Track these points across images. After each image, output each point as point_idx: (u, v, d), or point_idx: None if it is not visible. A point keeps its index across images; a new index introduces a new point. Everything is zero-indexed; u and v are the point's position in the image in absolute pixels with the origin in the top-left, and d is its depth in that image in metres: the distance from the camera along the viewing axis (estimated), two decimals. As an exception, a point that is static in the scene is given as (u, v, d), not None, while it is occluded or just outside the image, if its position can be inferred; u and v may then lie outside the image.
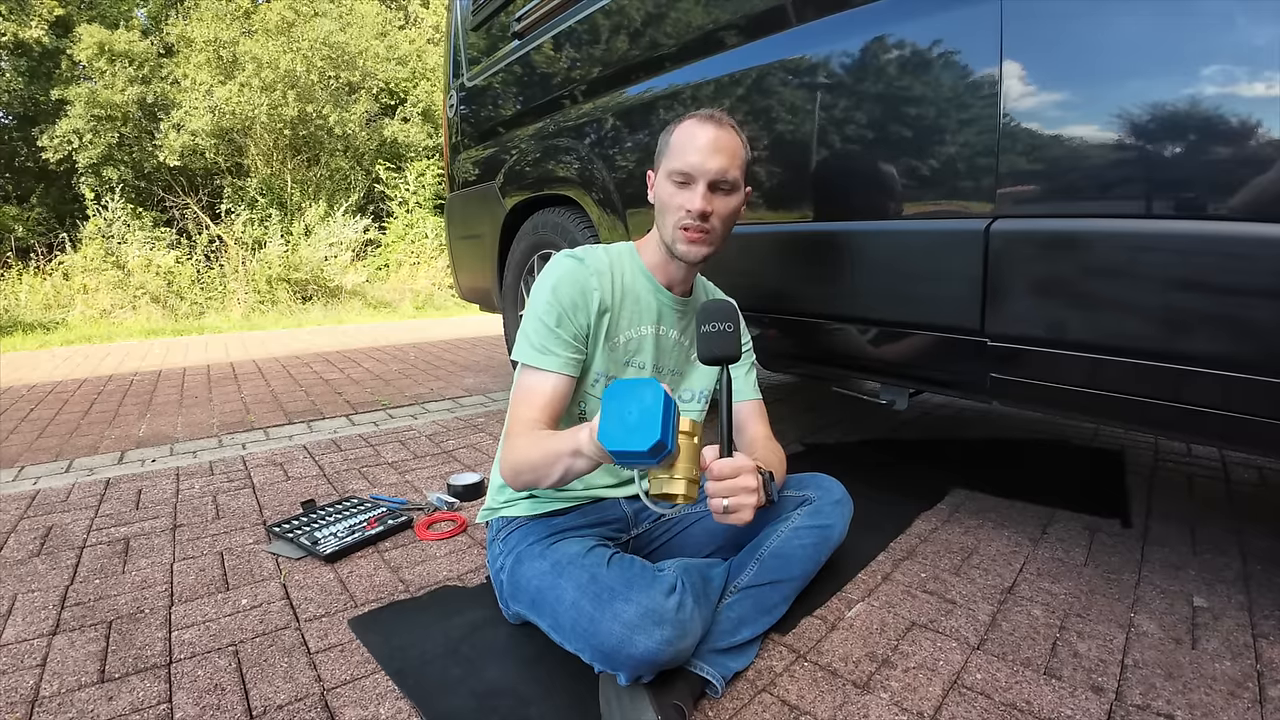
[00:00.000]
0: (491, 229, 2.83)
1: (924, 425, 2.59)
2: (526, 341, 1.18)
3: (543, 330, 1.17)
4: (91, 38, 10.51)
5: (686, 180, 1.18)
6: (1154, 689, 1.05)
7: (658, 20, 1.93)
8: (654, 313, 1.28)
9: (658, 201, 1.24)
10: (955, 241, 1.27)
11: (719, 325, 1.05)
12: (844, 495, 1.31)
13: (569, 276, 1.19)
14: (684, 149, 1.19)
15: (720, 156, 1.18)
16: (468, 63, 2.98)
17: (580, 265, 1.21)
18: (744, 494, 0.96)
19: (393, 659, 1.14)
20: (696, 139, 1.18)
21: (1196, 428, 1.07)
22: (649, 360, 1.29)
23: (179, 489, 2.05)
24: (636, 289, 1.27)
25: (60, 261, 8.95)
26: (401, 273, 10.63)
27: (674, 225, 1.20)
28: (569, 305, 1.17)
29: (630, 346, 1.27)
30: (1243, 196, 0.94)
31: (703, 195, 1.17)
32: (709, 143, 1.18)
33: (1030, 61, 1.16)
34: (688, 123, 1.22)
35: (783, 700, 1.04)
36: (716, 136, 1.18)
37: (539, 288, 1.21)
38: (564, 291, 1.18)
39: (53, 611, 1.33)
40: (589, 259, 1.23)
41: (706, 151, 1.17)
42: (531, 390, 1.16)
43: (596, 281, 1.20)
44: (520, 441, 1.11)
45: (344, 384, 3.80)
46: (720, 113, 1.23)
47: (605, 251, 1.27)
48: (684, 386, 1.36)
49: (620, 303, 1.24)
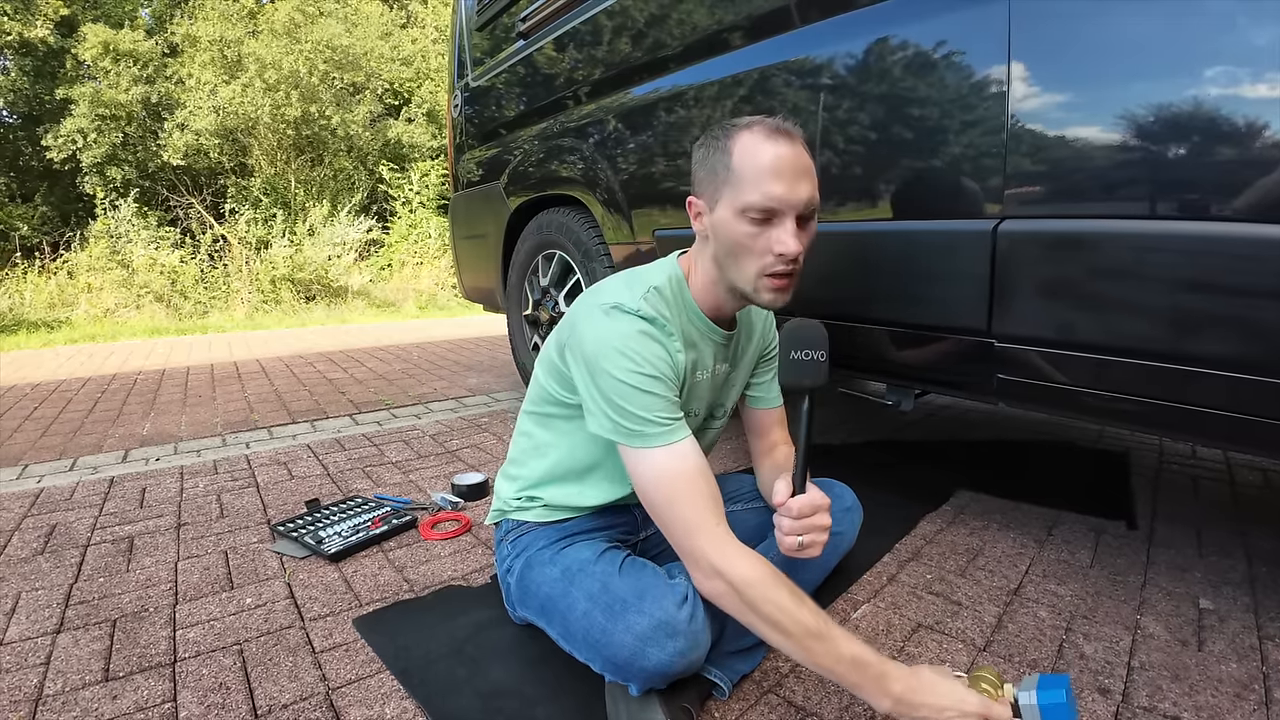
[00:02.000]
0: (496, 229, 2.83)
1: (929, 426, 2.58)
2: (652, 426, 0.95)
3: (655, 402, 0.96)
4: (96, 37, 10.55)
5: (770, 216, 0.97)
6: (1160, 691, 1.04)
7: (662, 21, 1.93)
8: (709, 355, 1.12)
9: (724, 240, 1.01)
10: (962, 242, 1.26)
11: (811, 354, 0.96)
12: (855, 502, 1.30)
13: (650, 341, 0.98)
14: (761, 176, 0.96)
15: (806, 182, 0.98)
16: (472, 63, 2.98)
17: (654, 328, 1.00)
18: (818, 532, 0.96)
19: (397, 659, 1.14)
20: (776, 162, 0.96)
21: (1203, 429, 1.07)
22: (704, 406, 1.17)
23: (183, 488, 2.05)
24: (692, 334, 1.09)
25: (65, 260, 8.98)
26: (405, 272, 10.65)
27: (758, 272, 1.00)
28: (667, 371, 0.99)
29: (692, 394, 1.12)
30: (1249, 197, 0.94)
31: (794, 233, 0.97)
32: (791, 166, 0.96)
33: (1038, 63, 1.16)
34: (754, 139, 0.98)
35: (789, 701, 1.03)
36: (795, 156, 0.97)
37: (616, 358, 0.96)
38: (654, 359, 0.97)
39: (57, 610, 1.33)
40: (658, 317, 1.01)
41: (791, 178, 0.96)
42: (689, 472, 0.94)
43: (678, 342, 1.03)
44: (788, 602, 0.86)
45: (347, 383, 3.80)
46: (786, 121, 1.01)
47: (661, 297, 1.05)
48: (718, 405, 1.25)
49: (686, 353, 1.06)
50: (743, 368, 1.24)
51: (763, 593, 0.86)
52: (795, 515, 0.95)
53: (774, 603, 0.86)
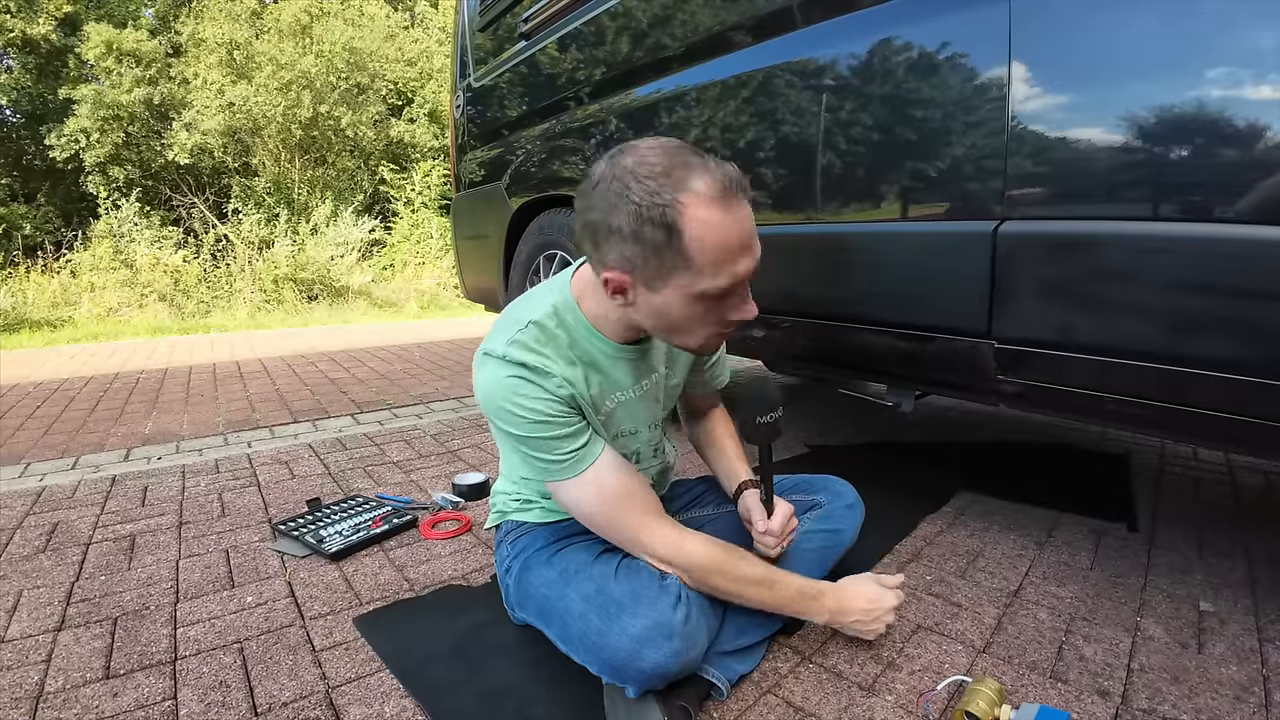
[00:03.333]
0: (497, 229, 2.83)
1: (930, 428, 2.58)
2: (555, 464, 1.00)
3: (551, 443, 0.98)
4: (99, 36, 10.55)
5: (732, 292, 0.91)
6: (1160, 693, 1.04)
7: (664, 22, 1.93)
8: (626, 377, 1.09)
9: (664, 317, 0.94)
10: (963, 244, 1.26)
11: (773, 416, 1.07)
12: (856, 500, 1.30)
13: (526, 387, 0.97)
14: (727, 259, 0.87)
15: (758, 243, 0.92)
16: (474, 63, 2.99)
17: (527, 373, 0.97)
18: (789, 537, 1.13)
19: (397, 658, 1.15)
20: (742, 238, 0.88)
21: (1204, 431, 1.07)
22: (641, 424, 1.17)
23: (185, 486, 2.06)
24: (594, 358, 1.05)
25: (68, 260, 9.00)
26: (407, 272, 10.66)
27: (704, 341, 0.98)
28: (554, 411, 0.98)
29: (614, 417, 1.12)
30: (1251, 199, 0.94)
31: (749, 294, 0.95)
32: (752, 231, 0.90)
33: (1039, 64, 1.16)
34: (709, 212, 0.84)
35: (788, 702, 1.03)
36: (749, 215, 0.90)
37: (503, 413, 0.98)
38: (536, 404, 0.97)
39: (58, 607, 1.34)
40: (530, 361, 0.98)
41: (754, 245, 0.90)
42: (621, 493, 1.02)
43: (556, 381, 0.99)
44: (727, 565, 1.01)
45: (349, 383, 3.81)
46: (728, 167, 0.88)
47: (538, 335, 1.01)
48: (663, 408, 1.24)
49: (586, 381, 1.05)
50: (679, 366, 1.21)
51: (711, 567, 1.01)
52: (778, 533, 1.10)
53: (722, 572, 1.02)
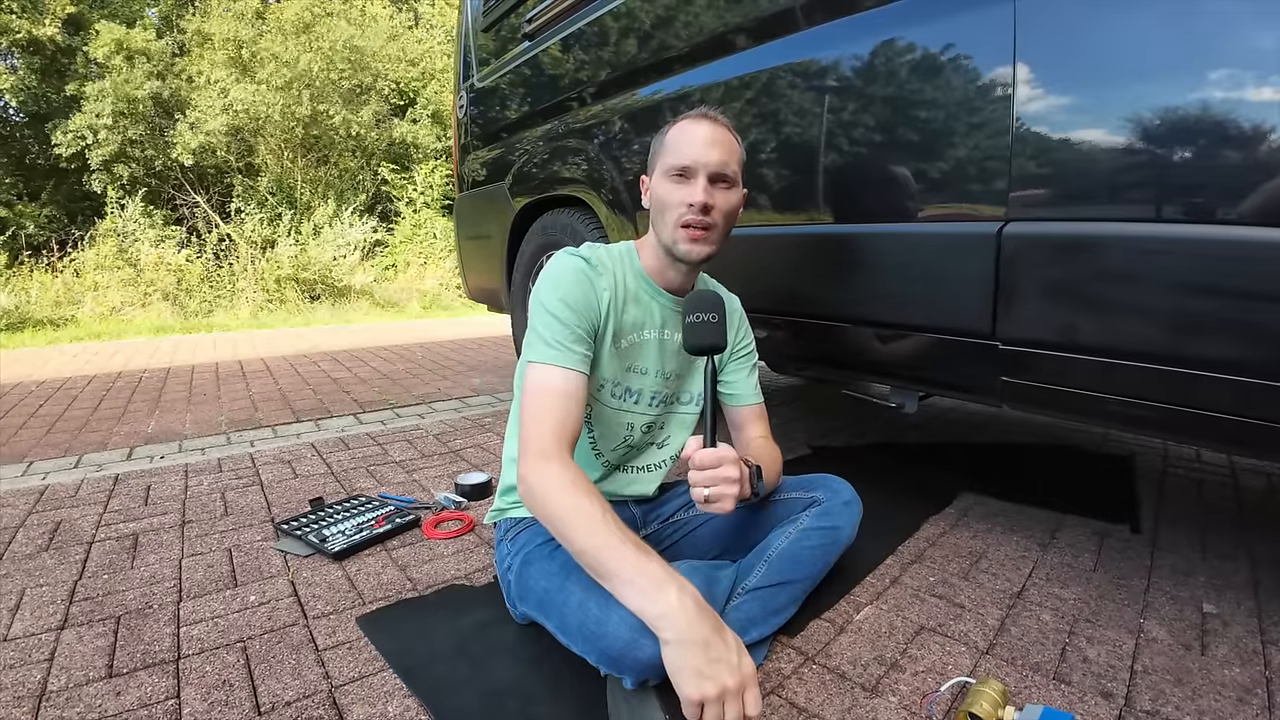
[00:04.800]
0: (500, 229, 2.84)
1: (933, 429, 2.58)
2: (539, 339, 1.12)
3: (556, 326, 1.11)
4: (109, 35, 10.57)
5: (686, 174, 1.17)
6: (1163, 695, 1.04)
7: (667, 23, 1.93)
8: (657, 316, 1.26)
9: (655, 202, 1.22)
10: (967, 245, 1.26)
11: (703, 316, 1.10)
12: (853, 496, 1.31)
13: (578, 274, 1.16)
14: (682, 145, 1.18)
15: (719, 149, 1.17)
16: (478, 64, 2.99)
17: (587, 264, 1.19)
18: (725, 484, 1.04)
19: (400, 657, 1.15)
20: (694, 135, 1.17)
21: (1208, 433, 1.06)
22: (652, 365, 1.28)
23: (187, 485, 2.06)
24: (638, 292, 1.25)
25: (72, 259, 9.01)
26: (409, 273, 10.68)
27: (674, 223, 1.17)
28: (581, 303, 1.14)
29: (634, 351, 1.25)
30: (1256, 200, 0.94)
31: (704, 188, 1.15)
32: (706, 137, 1.17)
33: (1043, 65, 1.16)
34: (683, 122, 1.21)
35: (791, 703, 1.03)
36: (713, 131, 1.17)
37: (546, 284, 1.16)
38: (574, 289, 1.14)
39: (61, 606, 1.34)
40: (594, 258, 1.20)
41: (704, 145, 1.16)
42: (549, 391, 1.08)
43: (606, 281, 1.19)
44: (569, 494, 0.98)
45: (351, 383, 3.81)
46: (714, 111, 1.22)
47: (607, 252, 1.25)
48: (684, 390, 1.36)
49: (624, 304, 1.22)
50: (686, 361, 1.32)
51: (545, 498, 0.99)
52: (698, 466, 1.04)
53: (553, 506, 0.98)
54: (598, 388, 1.23)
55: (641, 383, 1.28)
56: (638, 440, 1.33)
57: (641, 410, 1.30)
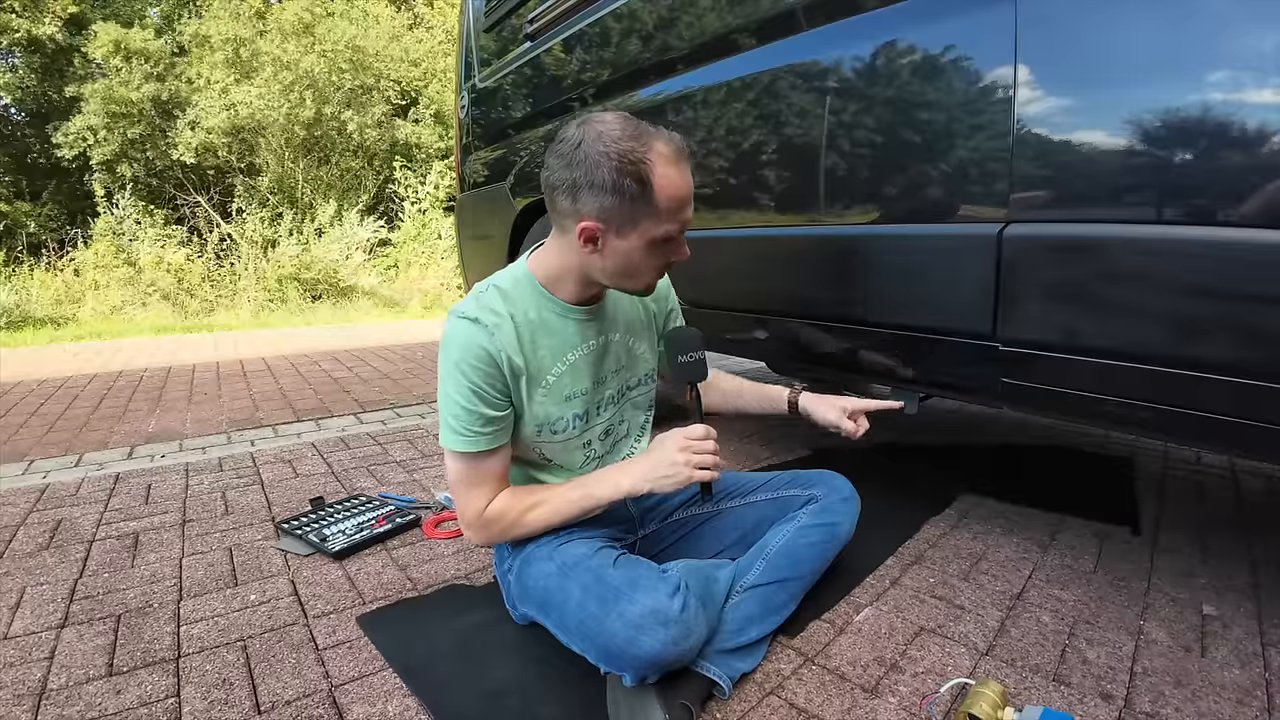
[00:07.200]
0: (501, 230, 2.83)
1: (933, 430, 2.58)
2: (448, 428, 1.09)
3: (459, 412, 1.07)
4: (108, 35, 10.58)
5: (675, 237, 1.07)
6: (1163, 696, 1.04)
7: (669, 24, 1.93)
8: (574, 335, 1.16)
9: (622, 261, 1.06)
10: (968, 246, 1.26)
11: (694, 355, 1.18)
12: (851, 493, 1.31)
13: (469, 348, 1.06)
14: (678, 208, 1.04)
15: None
16: (480, 64, 2.99)
17: (477, 327, 1.07)
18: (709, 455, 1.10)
19: (400, 656, 1.15)
20: (688, 191, 1.05)
21: (1208, 435, 1.06)
22: (587, 382, 1.19)
23: (188, 484, 2.06)
24: (547, 320, 1.14)
25: (72, 258, 9.02)
26: (411, 272, 10.68)
27: (650, 277, 1.11)
28: (480, 379, 1.06)
29: (563, 381, 1.16)
30: (1257, 202, 0.94)
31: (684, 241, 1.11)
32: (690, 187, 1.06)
33: (1044, 66, 1.16)
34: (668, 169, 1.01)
35: (790, 703, 1.03)
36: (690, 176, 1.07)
37: (443, 364, 1.09)
38: (470, 368, 1.06)
39: (61, 605, 1.34)
40: (483, 316, 1.08)
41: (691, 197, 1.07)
42: (464, 480, 1.12)
43: (503, 335, 1.08)
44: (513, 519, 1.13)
45: (352, 382, 3.82)
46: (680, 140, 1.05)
47: (500, 295, 1.12)
48: (633, 376, 1.30)
49: (534, 343, 1.12)
50: (641, 329, 1.30)
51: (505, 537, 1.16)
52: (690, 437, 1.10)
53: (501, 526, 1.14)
54: (535, 430, 1.16)
55: (584, 404, 1.20)
56: (603, 450, 1.28)
57: (595, 424, 1.24)
